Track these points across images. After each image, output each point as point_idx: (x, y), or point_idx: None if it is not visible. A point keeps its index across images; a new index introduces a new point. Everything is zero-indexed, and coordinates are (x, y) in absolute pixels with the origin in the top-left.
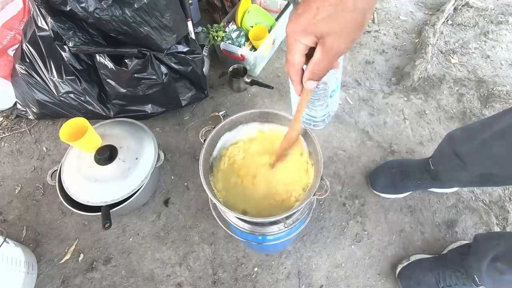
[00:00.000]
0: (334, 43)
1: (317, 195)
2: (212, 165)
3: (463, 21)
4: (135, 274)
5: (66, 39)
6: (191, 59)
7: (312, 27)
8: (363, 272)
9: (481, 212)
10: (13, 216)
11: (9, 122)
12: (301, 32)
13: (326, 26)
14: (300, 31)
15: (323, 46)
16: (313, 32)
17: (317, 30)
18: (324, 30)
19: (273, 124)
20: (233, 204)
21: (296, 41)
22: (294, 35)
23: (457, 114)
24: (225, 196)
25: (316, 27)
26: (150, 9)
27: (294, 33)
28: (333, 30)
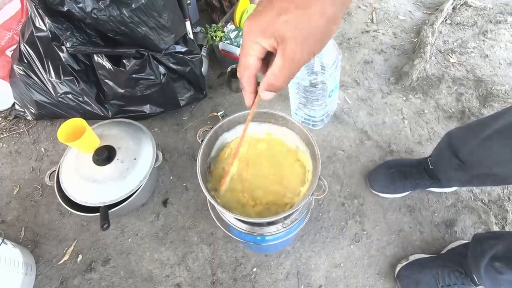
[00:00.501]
0: (296, 50)
1: (315, 195)
2: (210, 166)
3: (461, 20)
4: (133, 275)
5: (63, 40)
6: (189, 59)
7: (273, 28)
8: (362, 272)
9: (480, 211)
10: (12, 217)
11: (7, 123)
12: (260, 32)
13: (290, 29)
14: (259, 31)
15: (284, 52)
16: (274, 34)
17: (279, 32)
18: (287, 34)
19: (270, 125)
20: (231, 205)
21: (253, 42)
22: (252, 35)
23: (456, 113)
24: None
25: (278, 29)
26: (147, 9)
27: (252, 32)
28: (297, 35)
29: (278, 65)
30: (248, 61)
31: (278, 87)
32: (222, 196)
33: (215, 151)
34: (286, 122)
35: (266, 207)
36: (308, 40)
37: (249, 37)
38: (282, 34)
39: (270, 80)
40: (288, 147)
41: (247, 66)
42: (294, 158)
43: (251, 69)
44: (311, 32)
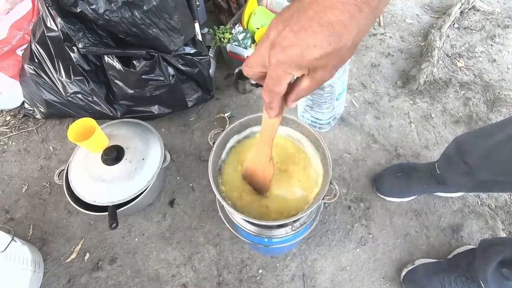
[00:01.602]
0: (324, 76)
1: (326, 199)
2: (221, 168)
3: (469, 24)
4: (140, 274)
5: (76, 40)
6: (198, 61)
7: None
8: (368, 275)
9: (487, 217)
10: (20, 214)
11: (16, 121)
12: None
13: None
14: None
15: (313, 77)
16: (308, 66)
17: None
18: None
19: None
20: (240, 207)
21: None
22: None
23: (463, 118)
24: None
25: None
26: (159, 11)
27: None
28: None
29: (306, 85)
30: (281, 89)
31: (303, 97)
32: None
33: (225, 153)
34: (297, 125)
35: (276, 210)
36: (335, 67)
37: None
38: (315, 66)
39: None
40: (299, 150)
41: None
42: (305, 161)
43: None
44: (340, 61)
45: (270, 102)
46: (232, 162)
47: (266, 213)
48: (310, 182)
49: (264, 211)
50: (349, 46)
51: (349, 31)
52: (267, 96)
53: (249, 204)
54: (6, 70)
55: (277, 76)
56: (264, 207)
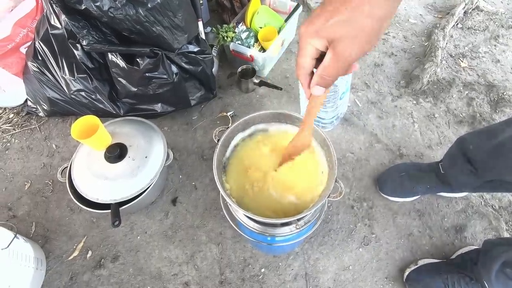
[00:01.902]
0: (345, 48)
1: (331, 197)
2: (225, 165)
3: (473, 24)
4: (142, 272)
5: (80, 38)
6: (201, 59)
7: (324, 30)
8: (371, 275)
9: (491, 217)
10: (23, 212)
11: (19, 119)
12: (313, 34)
13: (339, 30)
14: (312, 33)
15: (334, 50)
16: (325, 35)
17: (329, 33)
18: (336, 34)
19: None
20: (245, 204)
21: (307, 43)
22: (306, 37)
23: (466, 118)
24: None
25: (328, 30)
26: (163, 8)
27: (306, 35)
28: (346, 35)
29: (327, 60)
30: (304, 62)
31: (328, 82)
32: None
33: (229, 151)
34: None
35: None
36: (357, 39)
37: (304, 39)
38: (332, 34)
39: (321, 73)
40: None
41: (303, 66)
42: (311, 159)
43: (306, 68)
44: (360, 31)
45: (298, 75)
46: (236, 160)
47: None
48: (316, 180)
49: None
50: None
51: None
52: (296, 69)
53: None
54: (10, 68)
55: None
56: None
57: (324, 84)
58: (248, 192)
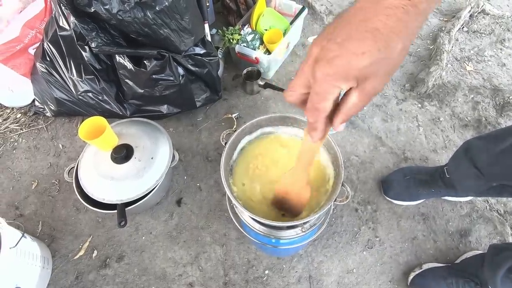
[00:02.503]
0: (375, 87)
1: (337, 201)
2: (232, 167)
3: (479, 28)
4: (147, 273)
5: (89, 40)
6: (207, 61)
7: (357, 72)
8: (375, 278)
9: (496, 222)
10: (30, 211)
11: (27, 119)
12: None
13: (373, 70)
14: (341, 77)
15: (363, 90)
16: (357, 76)
17: (362, 74)
18: (370, 75)
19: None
20: (250, 206)
21: (334, 87)
22: (332, 81)
23: (472, 122)
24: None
25: (362, 72)
26: (170, 11)
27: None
28: (379, 73)
29: (355, 100)
30: (326, 106)
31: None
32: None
33: (236, 154)
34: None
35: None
36: (385, 77)
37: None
38: (365, 76)
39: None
40: None
41: (325, 110)
42: (316, 163)
43: (328, 111)
44: (389, 70)
45: (314, 121)
46: (243, 162)
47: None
48: (322, 183)
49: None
50: (399, 50)
51: (397, 34)
52: (312, 115)
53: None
54: (18, 68)
55: (323, 91)
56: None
57: (347, 120)
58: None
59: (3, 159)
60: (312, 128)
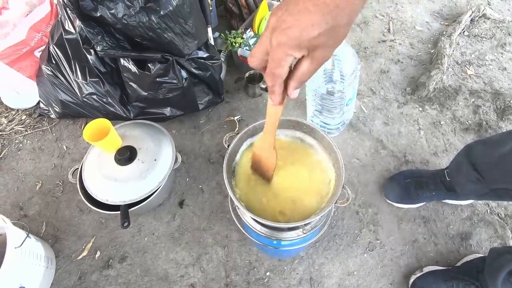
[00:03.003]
0: (324, 55)
1: (338, 203)
2: (234, 169)
3: (479, 32)
4: (149, 273)
5: (94, 43)
6: (210, 65)
7: (307, 42)
8: (376, 281)
9: (496, 225)
10: (34, 211)
11: (31, 121)
12: (294, 46)
13: (322, 40)
14: (294, 45)
15: (313, 57)
16: (307, 46)
17: (312, 44)
18: (319, 44)
19: (293, 131)
20: (252, 208)
21: (286, 54)
22: (286, 49)
23: (472, 125)
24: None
25: (312, 42)
26: (174, 16)
27: (285, 46)
28: (328, 43)
29: (307, 67)
30: (282, 72)
31: (302, 83)
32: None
33: (239, 156)
34: (309, 130)
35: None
36: (334, 46)
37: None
38: (315, 45)
39: (298, 79)
40: (311, 154)
41: (281, 75)
42: (317, 165)
43: (283, 76)
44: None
45: (272, 85)
46: (245, 164)
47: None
48: (323, 186)
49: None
50: (344, 24)
51: (343, 10)
52: (270, 79)
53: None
54: (24, 71)
55: (278, 58)
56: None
57: (299, 86)
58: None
59: (8, 160)
60: (271, 92)
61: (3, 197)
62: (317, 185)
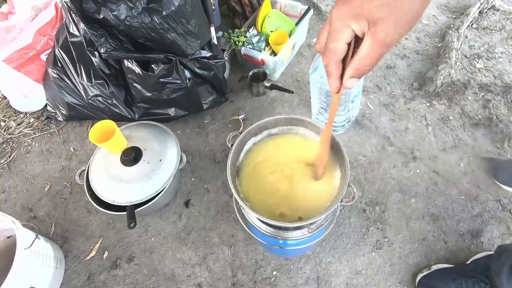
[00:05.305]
0: (388, 33)
1: (344, 202)
2: (238, 169)
3: (488, 24)
4: (156, 273)
5: (98, 46)
6: (213, 64)
7: (367, 12)
8: (384, 279)
9: (508, 222)
10: (43, 213)
11: (39, 123)
12: (352, 15)
13: (384, 12)
14: (352, 15)
15: (374, 36)
16: (367, 17)
17: (372, 15)
18: (380, 17)
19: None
20: (257, 208)
21: (344, 25)
22: (344, 19)
23: (482, 120)
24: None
25: (372, 12)
26: (177, 16)
27: (343, 16)
28: (390, 17)
29: (367, 49)
30: (337, 46)
31: (365, 72)
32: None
33: (243, 155)
34: (314, 127)
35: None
36: (400, 22)
37: (340, 20)
38: (375, 17)
39: (358, 65)
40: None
41: (336, 51)
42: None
43: (339, 54)
44: (405, 14)
45: (327, 64)
46: (249, 164)
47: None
48: (328, 184)
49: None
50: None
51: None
52: (324, 56)
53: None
54: (31, 74)
55: (334, 29)
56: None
57: (359, 76)
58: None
59: (18, 162)
60: (327, 73)
61: (13, 199)
62: (322, 183)
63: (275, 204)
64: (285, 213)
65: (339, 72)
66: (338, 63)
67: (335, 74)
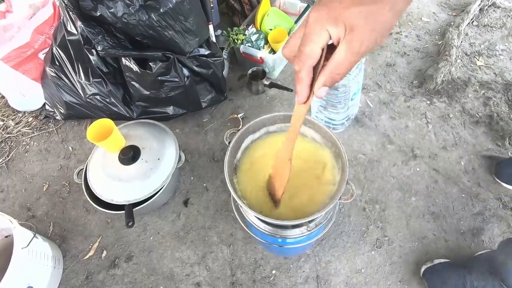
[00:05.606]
0: (363, 40)
1: (342, 199)
2: (236, 167)
3: (489, 22)
4: (155, 272)
5: (95, 43)
6: (212, 62)
7: (344, 17)
8: (384, 278)
9: (509, 220)
10: (41, 212)
11: (38, 122)
12: (330, 20)
13: (361, 19)
14: (330, 19)
15: (351, 42)
16: (344, 22)
17: (350, 21)
18: (358, 24)
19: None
20: (255, 206)
21: (321, 29)
22: (321, 22)
23: (483, 118)
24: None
25: (350, 18)
26: (174, 13)
27: (322, 19)
28: (367, 26)
29: (342, 55)
30: (313, 49)
31: (337, 80)
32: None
33: (240, 153)
34: (312, 125)
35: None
36: (375, 32)
37: (317, 23)
38: (353, 24)
39: (332, 71)
40: (315, 150)
41: (311, 54)
42: (321, 161)
43: (314, 58)
44: (380, 24)
45: (298, 70)
46: (247, 161)
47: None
48: (327, 182)
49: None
50: (386, 10)
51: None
52: (296, 61)
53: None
54: (29, 73)
55: (310, 31)
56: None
57: (331, 84)
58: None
59: (16, 161)
60: (296, 81)
61: (11, 198)
62: (321, 181)
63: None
64: (286, 210)
65: (310, 80)
66: (311, 69)
67: (305, 81)
